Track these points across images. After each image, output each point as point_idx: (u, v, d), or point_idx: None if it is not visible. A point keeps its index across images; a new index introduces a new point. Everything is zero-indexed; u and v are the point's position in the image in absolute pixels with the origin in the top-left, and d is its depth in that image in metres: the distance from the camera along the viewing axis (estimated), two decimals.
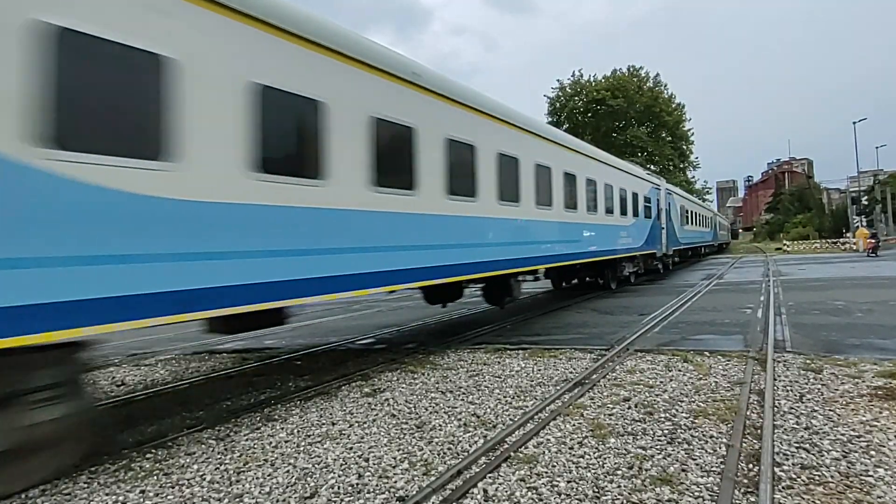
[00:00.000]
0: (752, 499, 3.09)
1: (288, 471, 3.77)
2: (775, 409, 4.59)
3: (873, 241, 29.61)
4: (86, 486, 3.67)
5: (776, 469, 3.45)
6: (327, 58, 5.56)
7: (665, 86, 50.12)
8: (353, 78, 5.88)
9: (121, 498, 3.45)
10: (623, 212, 15.42)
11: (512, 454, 3.87)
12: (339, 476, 3.64)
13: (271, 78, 4.89)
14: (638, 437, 4.10)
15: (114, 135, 3.82)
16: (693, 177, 53.67)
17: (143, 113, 3.98)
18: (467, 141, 7.84)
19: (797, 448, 3.77)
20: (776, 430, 4.10)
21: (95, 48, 3.68)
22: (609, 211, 14.08)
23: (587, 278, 15.94)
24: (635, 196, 16.79)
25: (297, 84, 5.18)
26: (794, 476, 3.36)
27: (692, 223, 29.80)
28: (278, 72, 4.99)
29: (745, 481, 3.31)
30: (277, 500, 3.34)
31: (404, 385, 5.94)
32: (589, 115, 48.96)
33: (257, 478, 3.67)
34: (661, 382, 5.56)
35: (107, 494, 3.51)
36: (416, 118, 6.78)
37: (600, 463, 3.67)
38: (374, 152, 6.08)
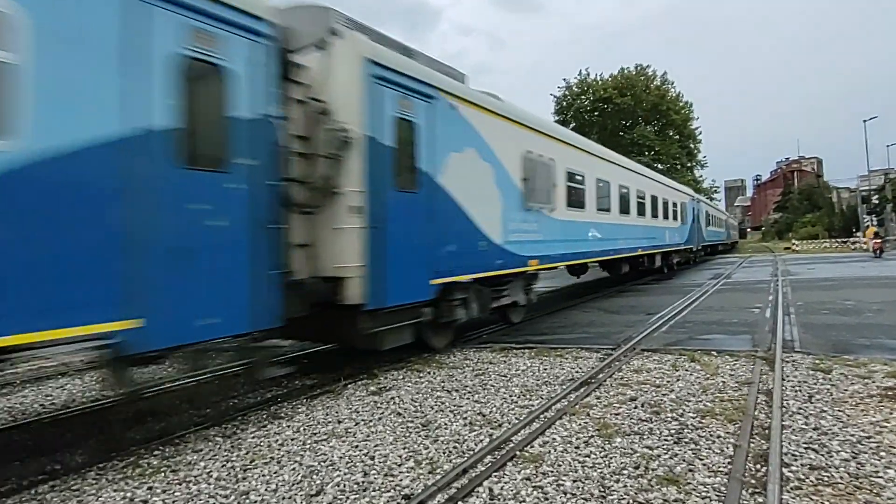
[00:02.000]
0: (760, 499, 3.07)
1: (294, 468, 3.78)
2: (784, 409, 4.56)
3: (879, 241, 28.23)
4: (94, 482, 3.70)
5: (784, 469, 3.42)
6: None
7: (672, 84, 49.81)
8: None
9: (129, 494, 3.48)
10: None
11: (518, 453, 3.86)
12: (345, 474, 3.65)
13: None
14: (644, 437, 4.08)
15: None
16: (701, 176, 53.31)
17: None
18: None
19: (806, 449, 3.74)
20: (784, 431, 4.06)
21: None
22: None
23: None
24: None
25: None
26: (802, 477, 3.33)
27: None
28: None
29: (753, 482, 3.29)
30: (284, 498, 3.35)
31: (410, 384, 5.94)
32: (596, 113, 48.72)
33: (264, 475, 3.69)
34: (668, 382, 5.54)
35: (115, 490, 3.54)
36: None
37: (606, 462, 3.66)
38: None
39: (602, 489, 3.28)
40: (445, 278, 6.94)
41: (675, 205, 21.18)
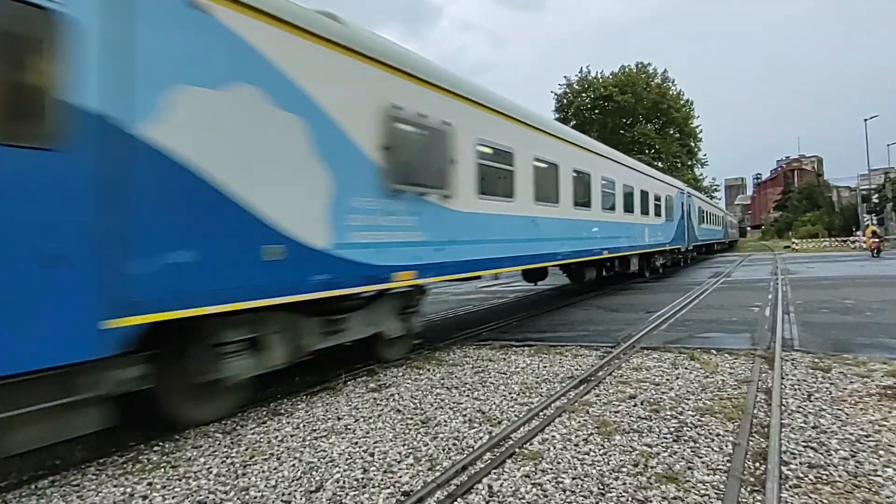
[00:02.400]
0: (759, 497, 3.07)
1: (294, 464, 3.79)
2: (783, 407, 4.56)
3: (877, 240, 27.45)
4: (94, 477, 3.71)
5: (783, 468, 3.42)
6: None
7: (673, 82, 49.79)
8: None
9: (128, 490, 3.48)
10: None
11: (517, 450, 3.87)
12: (345, 470, 3.65)
13: None
14: (644, 435, 4.08)
15: None
16: (701, 174, 53.34)
17: None
18: None
19: (805, 447, 3.74)
20: (783, 429, 4.07)
21: None
22: None
23: None
24: None
25: None
26: (801, 475, 3.33)
27: None
28: None
29: (752, 480, 3.30)
30: (283, 494, 3.36)
31: (409, 381, 5.95)
32: (596, 111, 48.70)
33: (263, 471, 3.70)
34: (668, 380, 5.54)
35: (115, 486, 3.54)
36: None
37: (605, 460, 3.66)
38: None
39: (601, 486, 3.29)
40: (157, 313, 3.84)
41: (657, 198, 17.85)
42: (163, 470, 3.78)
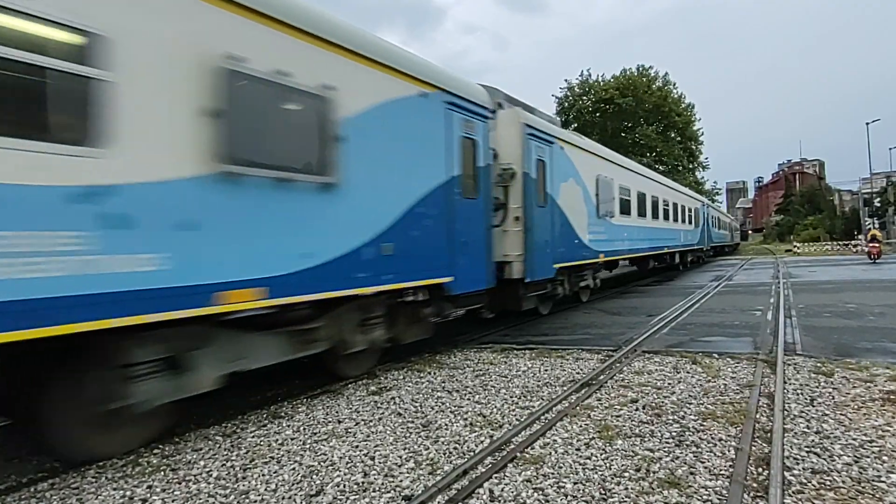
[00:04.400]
0: (762, 503, 3.06)
1: (294, 468, 3.77)
2: (785, 412, 4.54)
3: (876, 245, 26.42)
4: (94, 480, 3.69)
5: (786, 473, 3.41)
6: None
7: (674, 85, 49.83)
8: None
9: (128, 493, 3.47)
10: None
11: (518, 455, 3.85)
12: (345, 474, 3.64)
13: None
14: (645, 439, 4.06)
15: None
16: (702, 177, 53.36)
17: None
18: None
19: (808, 452, 3.72)
20: (786, 434, 4.05)
21: None
22: None
23: None
24: None
25: None
26: (804, 481, 3.32)
27: None
28: None
29: (755, 485, 3.28)
30: (283, 498, 3.34)
31: (410, 384, 5.93)
32: (597, 114, 48.73)
33: (263, 475, 3.68)
34: (670, 384, 5.52)
35: (114, 489, 3.53)
36: None
37: (607, 465, 3.64)
38: None
39: (603, 491, 3.27)
40: None
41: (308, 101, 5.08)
42: (162, 473, 3.77)
